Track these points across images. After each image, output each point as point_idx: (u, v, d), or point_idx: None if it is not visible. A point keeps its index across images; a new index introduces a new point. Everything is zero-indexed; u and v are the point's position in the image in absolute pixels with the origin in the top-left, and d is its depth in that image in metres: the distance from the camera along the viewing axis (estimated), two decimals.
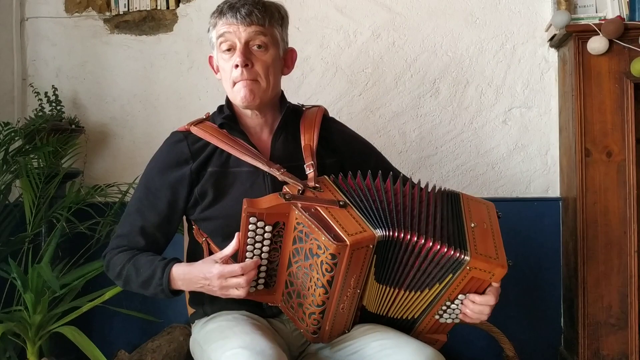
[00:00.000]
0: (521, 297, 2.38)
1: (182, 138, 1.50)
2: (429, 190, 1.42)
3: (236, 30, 1.41)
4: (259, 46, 1.43)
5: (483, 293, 1.36)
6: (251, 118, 1.52)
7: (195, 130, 1.49)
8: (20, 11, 2.53)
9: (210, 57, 1.54)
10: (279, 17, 1.48)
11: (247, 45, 1.42)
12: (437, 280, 1.34)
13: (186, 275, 1.37)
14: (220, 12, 1.44)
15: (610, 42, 2.11)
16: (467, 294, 1.36)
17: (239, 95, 1.45)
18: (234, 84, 1.45)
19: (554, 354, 2.38)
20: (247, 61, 1.42)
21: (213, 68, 1.55)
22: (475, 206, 1.44)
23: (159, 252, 1.50)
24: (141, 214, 1.48)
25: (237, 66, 1.42)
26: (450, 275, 1.32)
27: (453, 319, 1.42)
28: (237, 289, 1.30)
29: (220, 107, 1.56)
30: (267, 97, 1.48)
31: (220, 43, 1.44)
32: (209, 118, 1.55)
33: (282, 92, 1.56)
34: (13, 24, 2.50)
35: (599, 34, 2.10)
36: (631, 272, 2.12)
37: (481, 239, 1.35)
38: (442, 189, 1.46)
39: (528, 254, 2.38)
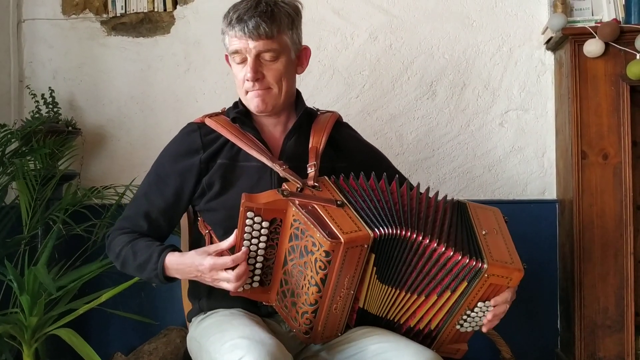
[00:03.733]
0: (518, 299, 2.35)
1: (195, 128, 1.53)
2: (439, 198, 1.44)
3: (245, 46, 1.42)
4: (269, 58, 1.44)
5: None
6: (264, 117, 1.54)
7: (209, 122, 1.52)
8: (17, 13, 2.53)
9: (227, 56, 1.53)
10: (288, 22, 1.47)
11: (257, 57, 1.43)
12: (447, 288, 1.35)
13: (179, 266, 1.39)
14: (229, 22, 1.43)
15: (606, 44, 2.11)
16: (486, 301, 1.37)
17: (251, 103, 1.48)
18: (247, 92, 1.48)
19: (551, 355, 2.38)
20: (258, 75, 1.44)
21: (230, 64, 1.54)
22: (482, 213, 1.46)
23: (161, 239, 1.52)
24: (148, 199, 1.51)
25: (247, 80, 1.44)
26: (466, 284, 1.33)
27: (473, 327, 1.43)
28: (227, 282, 1.32)
29: (235, 103, 1.58)
30: (279, 102, 1.50)
31: (233, 55, 1.45)
32: (225, 112, 1.58)
33: (299, 92, 1.58)
34: (10, 25, 2.50)
35: (595, 37, 2.11)
36: (627, 274, 2.12)
37: (494, 245, 1.37)
38: (448, 197, 1.47)
39: (524, 256, 2.34)
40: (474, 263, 1.31)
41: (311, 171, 1.42)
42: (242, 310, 1.46)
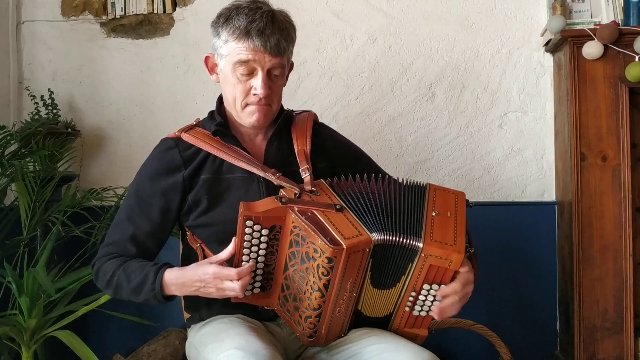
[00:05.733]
0: (517, 301, 2.38)
1: (173, 145, 1.49)
2: (400, 184, 1.43)
3: (261, 60, 1.38)
4: (277, 74, 1.43)
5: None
6: (246, 127, 1.50)
7: (186, 137, 1.48)
8: (17, 14, 2.53)
9: (207, 58, 1.50)
10: (295, 38, 1.47)
11: (268, 73, 1.41)
12: (402, 272, 1.34)
13: (179, 280, 1.35)
14: (246, 33, 1.37)
15: (605, 47, 2.12)
16: (433, 284, 1.35)
17: (250, 117, 1.44)
18: (247, 105, 1.44)
19: (550, 357, 2.38)
20: (269, 91, 1.41)
21: (208, 68, 1.51)
22: (442, 195, 1.44)
23: (150, 260, 1.47)
24: (132, 222, 1.46)
25: (255, 94, 1.41)
26: (410, 265, 1.33)
27: (427, 312, 1.40)
28: (232, 290, 1.30)
29: (211, 113, 1.55)
30: (273, 117, 1.49)
31: (239, 66, 1.40)
32: (199, 124, 1.54)
33: None
34: (9, 27, 2.50)
35: (594, 39, 2.11)
36: (626, 276, 2.13)
37: (440, 226, 1.35)
38: (412, 182, 1.46)
39: (524, 258, 2.38)
40: (410, 242, 1.30)
41: (306, 175, 1.41)
42: (241, 317, 1.45)
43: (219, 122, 1.49)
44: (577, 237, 2.15)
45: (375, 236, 1.29)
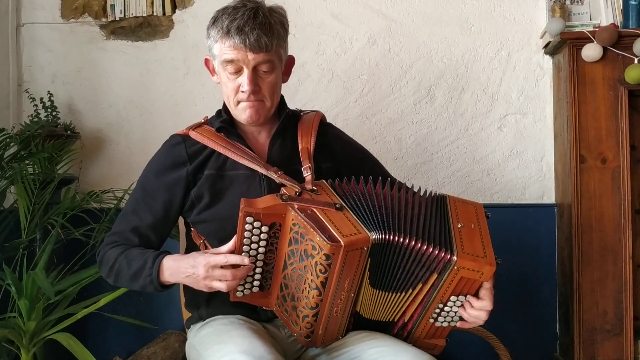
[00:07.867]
0: (517, 303, 2.38)
1: (180, 141, 1.52)
2: (417, 193, 1.44)
3: (244, 57, 1.40)
4: (266, 69, 1.43)
5: (476, 294, 1.36)
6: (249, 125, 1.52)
7: (193, 134, 1.51)
8: (16, 17, 2.53)
9: (207, 60, 1.53)
10: (283, 34, 1.46)
11: (255, 69, 1.42)
12: (420, 280, 1.34)
13: (175, 263, 1.37)
14: (227, 32, 1.39)
15: (605, 49, 2.12)
16: (459, 296, 1.35)
17: (243, 114, 1.46)
18: (239, 102, 1.45)
19: None
20: (256, 87, 1.43)
21: (209, 70, 1.53)
22: (462, 207, 1.45)
23: None
24: (137, 214, 1.49)
25: (243, 91, 1.42)
26: (436, 276, 1.32)
27: (449, 322, 1.41)
28: (221, 281, 1.29)
29: (219, 112, 1.57)
30: (270, 114, 1.50)
31: (226, 65, 1.42)
32: (207, 122, 1.56)
33: (282, 96, 1.56)
34: (9, 29, 2.50)
35: (593, 42, 2.12)
36: (626, 278, 2.13)
37: (468, 238, 1.35)
38: (430, 192, 1.47)
39: (523, 260, 2.38)
40: (443, 255, 1.30)
41: (307, 174, 1.43)
42: (241, 318, 1.46)
43: (224, 119, 1.51)
44: (576, 239, 2.15)
45: (374, 235, 1.29)
